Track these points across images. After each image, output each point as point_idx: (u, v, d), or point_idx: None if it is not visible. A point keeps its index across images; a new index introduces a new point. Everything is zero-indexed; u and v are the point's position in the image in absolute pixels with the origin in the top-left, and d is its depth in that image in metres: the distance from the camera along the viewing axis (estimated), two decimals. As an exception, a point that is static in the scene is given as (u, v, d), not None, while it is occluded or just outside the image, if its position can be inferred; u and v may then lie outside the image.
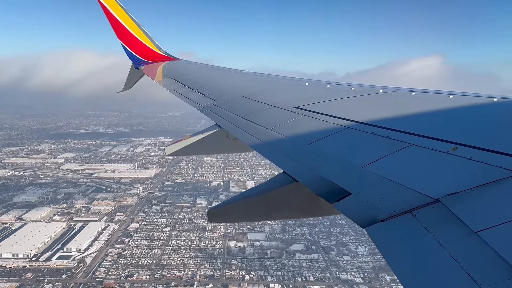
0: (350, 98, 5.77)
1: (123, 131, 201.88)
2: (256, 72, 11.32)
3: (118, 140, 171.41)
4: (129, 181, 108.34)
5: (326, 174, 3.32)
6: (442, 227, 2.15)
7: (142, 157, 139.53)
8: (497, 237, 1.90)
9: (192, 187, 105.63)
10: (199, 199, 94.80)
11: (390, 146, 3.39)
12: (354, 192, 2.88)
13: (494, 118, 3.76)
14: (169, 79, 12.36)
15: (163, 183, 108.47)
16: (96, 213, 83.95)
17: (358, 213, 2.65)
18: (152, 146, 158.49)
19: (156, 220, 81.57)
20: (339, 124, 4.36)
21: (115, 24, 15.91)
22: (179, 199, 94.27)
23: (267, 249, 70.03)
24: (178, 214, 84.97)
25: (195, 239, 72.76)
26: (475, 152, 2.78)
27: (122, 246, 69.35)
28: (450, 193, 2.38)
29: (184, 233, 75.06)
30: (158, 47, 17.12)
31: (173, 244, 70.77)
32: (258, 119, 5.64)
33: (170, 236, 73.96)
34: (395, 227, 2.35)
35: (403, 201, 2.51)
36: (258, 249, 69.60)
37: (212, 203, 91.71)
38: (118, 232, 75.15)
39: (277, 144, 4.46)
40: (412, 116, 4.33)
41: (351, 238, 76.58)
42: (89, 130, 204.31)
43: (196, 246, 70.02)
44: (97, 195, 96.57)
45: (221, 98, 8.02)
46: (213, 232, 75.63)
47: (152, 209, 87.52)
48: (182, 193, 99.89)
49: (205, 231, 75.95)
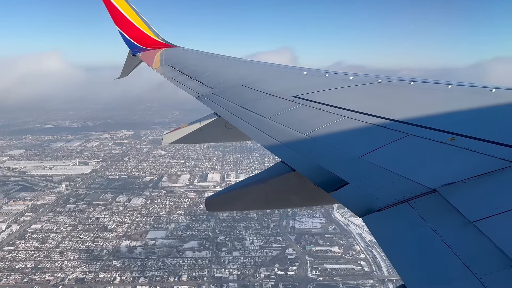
0: (349, 87, 5.77)
1: (88, 125, 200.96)
2: (255, 61, 11.20)
3: (76, 135, 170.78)
4: (60, 179, 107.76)
5: (323, 163, 3.32)
6: (438, 217, 2.18)
7: (90, 152, 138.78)
8: (494, 227, 1.93)
9: (122, 183, 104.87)
10: (120, 196, 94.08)
11: (388, 136, 3.41)
12: (352, 181, 2.88)
13: (492, 108, 3.72)
14: (167, 66, 12.38)
15: (94, 179, 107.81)
16: (5, 213, 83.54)
17: (355, 203, 2.66)
18: (108, 140, 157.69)
19: (62, 220, 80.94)
20: (337, 113, 4.39)
21: (112, 10, 15.84)
22: (99, 197, 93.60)
23: (158, 248, 69.40)
24: (89, 213, 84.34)
25: (90, 239, 72.18)
26: (472, 143, 2.81)
27: (10, 249, 68.90)
28: (447, 183, 2.40)
29: (82, 234, 74.41)
30: (156, 33, 17.04)
31: (63, 245, 70.19)
32: (256, 108, 5.70)
33: (65, 237, 73.33)
34: (392, 216, 2.37)
35: (400, 191, 2.52)
36: (149, 248, 68.98)
37: (131, 200, 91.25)
38: (16, 234, 74.75)
39: (275, 133, 4.45)
40: (410, 106, 4.35)
41: (253, 232, 75.86)
42: (54, 124, 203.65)
43: (86, 247, 69.45)
44: (19, 194, 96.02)
45: (219, 86, 8.05)
46: (112, 232, 75.09)
47: (65, 209, 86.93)
48: (106, 190, 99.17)
49: (105, 231, 75.38)
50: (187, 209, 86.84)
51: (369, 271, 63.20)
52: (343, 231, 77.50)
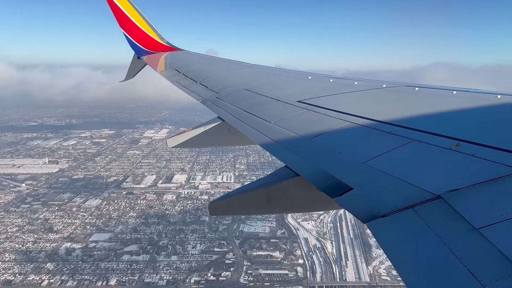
0: (353, 92, 5.79)
1: (73, 123, 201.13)
2: (259, 65, 11.28)
3: (57, 133, 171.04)
4: (24, 178, 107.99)
5: (328, 168, 3.33)
6: (443, 223, 2.18)
7: (64, 151, 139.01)
8: (499, 234, 1.93)
9: (85, 183, 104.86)
10: (78, 197, 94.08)
11: (392, 141, 3.41)
12: (356, 187, 2.89)
13: (498, 114, 3.72)
14: (171, 70, 12.44)
15: (57, 179, 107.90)
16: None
17: (359, 208, 2.66)
18: (87, 139, 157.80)
19: (11, 220, 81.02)
20: (341, 118, 4.40)
21: (117, 13, 15.96)
22: (56, 197, 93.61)
23: (97, 250, 69.23)
24: (41, 213, 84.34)
25: (32, 240, 72.16)
26: (477, 149, 2.80)
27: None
28: (452, 190, 2.39)
29: (26, 235, 74.43)
30: (161, 37, 17.19)
31: (3, 246, 70.17)
32: (260, 113, 5.71)
33: (8, 237, 73.37)
34: (396, 222, 2.37)
35: (404, 197, 2.52)
36: (87, 251, 68.83)
37: (87, 201, 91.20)
38: (-39, 235, 74.93)
39: (279, 138, 4.48)
40: (415, 111, 4.31)
41: (199, 236, 75.51)
42: (39, 122, 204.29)
43: (25, 249, 69.41)
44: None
45: (224, 90, 8.10)
46: (57, 233, 75.04)
47: (18, 208, 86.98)
48: (67, 190, 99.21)
49: (50, 232, 75.32)
50: (140, 211, 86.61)
51: (302, 277, 62.64)
52: (290, 236, 76.95)
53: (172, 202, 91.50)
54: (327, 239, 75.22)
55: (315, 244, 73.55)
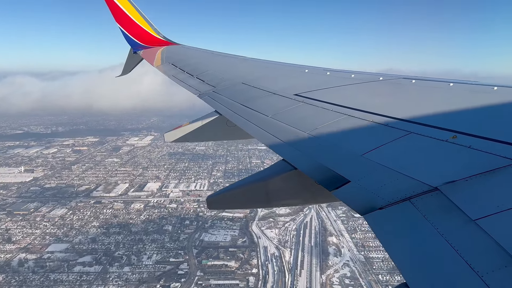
0: (350, 85, 5.77)
1: (58, 131, 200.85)
2: (256, 58, 11.23)
3: (40, 141, 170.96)
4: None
5: (325, 161, 3.33)
6: (440, 215, 2.19)
7: (43, 159, 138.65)
8: (495, 225, 1.95)
9: (55, 192, 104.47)
10: (45, 206, 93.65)
11: (389, 134, 3.41)
12: (353, 179, 2.89)
13: (494, 106, 3.68)
14: (168, 64, 12.43)
15: (29, 188, 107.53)
16: None
17: (356, 201, 2.68)
18: (68, 147, 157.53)
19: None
20: (338, 111, 4.40)
21: (113, 7, 15.89)
22: (22, 207, 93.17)
23: (51, 261, 68.63)
24: (3, 223, 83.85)
25: (-14, 252, 71.65)
26: (474, 141, 2.81)
27: None
28: (449, 181, 2.41)
29: (-18, 246, 73.97)
30: (157, 31, 17.11)
31: (-45, 258, 69.73)
32: (257, 106, 5.71)
33: (-37, 249, 72.92)
34: (393, 214, 2.39)
35: (401, 189, 2.54)
36: (41, 262, 68.24)
37: (53, 210, 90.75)
38: None
39: (276, 132, 4.46)
40: (412, 104, 4.32)
41: (158, 245, 74.89)
42: (25, 130, 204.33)
43: (-22, 261, 68.90)
44: None
45: (221, 84, 8.08)
46: (14, 244, 74.54)
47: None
48: (35, 199, 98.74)
49: (8, 243, 74.82)
50: (104, 220, 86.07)
51: (252, 287, 61.90)
52: (251, 244, 76.20)
53: (138, 211, 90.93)
54: (287, 247, 74.42)
55: (273, 252, 72.81)
